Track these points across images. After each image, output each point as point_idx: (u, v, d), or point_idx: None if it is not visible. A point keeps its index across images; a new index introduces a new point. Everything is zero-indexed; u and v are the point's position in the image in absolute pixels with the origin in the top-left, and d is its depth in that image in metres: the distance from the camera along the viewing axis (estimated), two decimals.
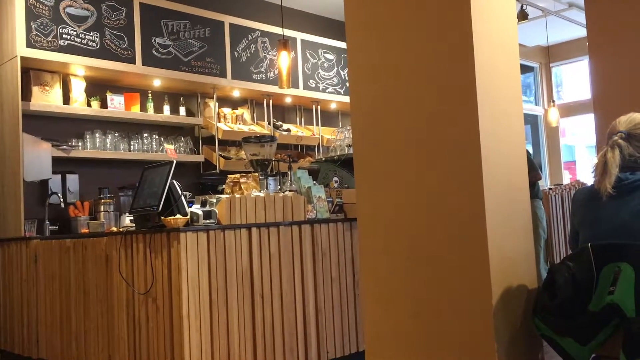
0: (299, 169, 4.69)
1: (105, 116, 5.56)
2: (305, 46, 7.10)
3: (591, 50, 4.36)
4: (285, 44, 5.12)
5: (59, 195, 4.94)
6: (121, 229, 3.86)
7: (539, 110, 10.02)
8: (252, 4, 6.92)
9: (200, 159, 6.21)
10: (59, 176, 5.19)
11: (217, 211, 3.52)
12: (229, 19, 6.38)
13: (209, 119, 6.29)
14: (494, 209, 2.15)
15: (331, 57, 7.38)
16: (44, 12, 5.06)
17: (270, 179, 4.43)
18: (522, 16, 7.01)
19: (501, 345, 2.11)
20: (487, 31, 2.26)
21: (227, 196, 3.65)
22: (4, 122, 4.99)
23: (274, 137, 4.98)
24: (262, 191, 3.96)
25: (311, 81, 7.10)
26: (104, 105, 5.56)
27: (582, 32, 6.56)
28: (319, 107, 7.28)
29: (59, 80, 5.28)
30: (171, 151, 5.82)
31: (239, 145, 6.28)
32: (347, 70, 7.08)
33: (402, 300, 2.37)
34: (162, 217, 3.35)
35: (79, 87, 5.38)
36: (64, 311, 4.15)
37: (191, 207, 3.48)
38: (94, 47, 5.33)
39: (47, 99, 5.17)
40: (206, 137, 6.38)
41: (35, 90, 5.11)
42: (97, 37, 5.35)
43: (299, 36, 7.04)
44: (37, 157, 4.89)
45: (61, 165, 5.21)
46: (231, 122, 6.53)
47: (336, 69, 7.42)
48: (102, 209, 5.15)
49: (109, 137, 5.53)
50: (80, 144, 5.36)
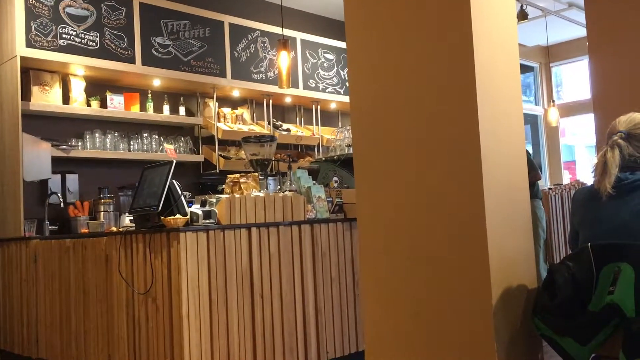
0: (299, 168, 4.68)
1: (105, 116, 5.56)
2: (305, 46, 7.10)
3: (591, 50, 4.36)
4: (285, 43, 5.12)
5: (59, 195, 4.94)
6: (121, 229, 3.86)
7: (539, 110, 10.02)
8: (252, 4, 6.91)
9: (200, 158, 6.21)
10: (58, 176, 5.19)
11: (216, 211, 3.52)
12: (228, 19, 6.38)
13: (209, 119, 6.29)
14: (493, 208, 2.15)
15: (331, 57, 7.38)
16: (43, 12, 5.06)
17: (270, 179, 4.42)
18: (522, 16, 7.01)
19: (501, 345, 2.11)
20: (487, 31, 2.26)
21: (227, 196, 3.65)
22: (4, 122, 4.99)
23: (274, 137, 4.98)
24: (261, 191, 3.96)
25: (311, 81, 7.10)
26: (103, 105, 5.56)
27: (582, 32, 6.56)
28: (319, 107, 7.28)
29: (59, 80, 5.28)
30: (171, 151, 5.81)
31: (238, 145, 6.28)
32: (347, 70, 7.07)
33: (402, 300, 2.36)
34: (162, 217, 3.35)
35: (78, 87, 5.38)
36: (64, 311, 4.15)
37: (191, 207, 3.48)
38: (94, 47, 5.33)
39: (47, 99, 5.17)
40: (206, 137, 6.38)
41: (34, 90, 5.10)
42: (96, 37, 5.35)
43: (299, 36, 7.04)
44: (36, 157, 4.89)
45: (61, 165, 5.21)
46: (231, 122, 6.53)
47: (336, 68, 7.42)
48: (101, 208, 5.15)
49: (109, 137, 5.53)
50: (80, 143, 5.36)
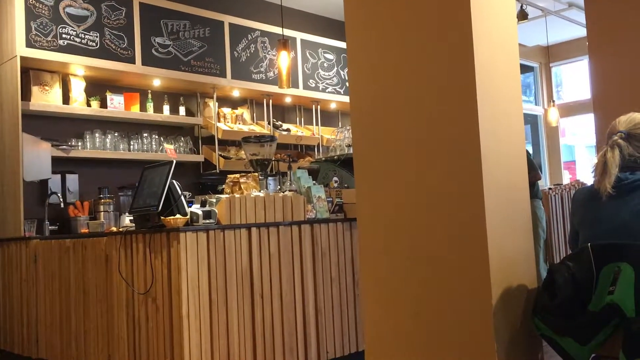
0: (299, 168, 4.68)
1: (105, 116, 5.56)
2: (305, 46, 7.10)
3: (591, 50, 4.36)
4: (285, 43, 5.12)
5: (59, 195, 4.94)
6: (121, 229, 3.86)
7: (539, 110, 10.02)
8: (251, 4, 6.91)
9: (200, 158, 6.21)
10: (58, 176, 5.19)
11: (216, 211, 3.51)
12: (228, 19, 6.38)
13: (209, 119, 6.29)
14: (493, 208, 2.15)
15: (331, 57, 7.38)
16: (43, 11, 5.06)
17: (270, 178, 4.42)
18: (522, 16, 7.01)
19: (501, 345, 2.11)
20: (487, 31, 2.26)
21: (227, 196, 3.65)
22: (4, 122, 4.99)
23: (274, 137, 4.98)
24: (261, 191, 3.96)
25: (311, 81, 7.10)
26: (103, 105, 5.56)
27: (582, 32, 6.56)
28: (319, 107, 7.28)
29: (59, 80, 5.28)
30: (171, 151, 5.81)
31: (238, 145, 6.28)
32: (347, 70, 7.07)
33: (402, 300, 2.36)
34: (162, 217, 3.35)
35: (78, 87, 5.38)
36: (64, 311, 4.15)
37: (191, 207, 3.48)
38: (94, 47, 5.33)
39: (47, 99, 5.17)
40: (206, 137, 6.38)
41: (34, 90, 5.10)
42: (96, 37, 5.35)
43: (299, 36, 7.04)
44: (36, 157, 4.89)
45: (61, 165, 5.21)
46: (231, 122, 6.53)
47: (336, 68, 7.42)
48: (101, 208, 5.15)
49: (109, 137, 5.53)
50: (80, 143, 5.36)
